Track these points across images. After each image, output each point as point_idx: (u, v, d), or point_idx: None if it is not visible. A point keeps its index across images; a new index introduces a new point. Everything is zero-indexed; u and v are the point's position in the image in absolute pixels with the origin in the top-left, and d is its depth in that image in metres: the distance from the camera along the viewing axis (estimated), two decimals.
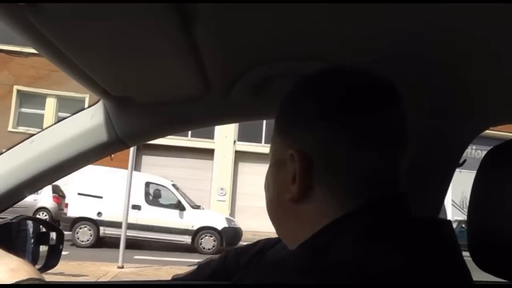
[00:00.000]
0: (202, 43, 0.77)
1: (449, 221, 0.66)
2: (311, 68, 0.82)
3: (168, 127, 1.07)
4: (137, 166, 18.03)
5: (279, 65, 0.87)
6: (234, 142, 18.89)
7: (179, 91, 0.96)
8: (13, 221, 1.02)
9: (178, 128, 1.09)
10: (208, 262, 1.20)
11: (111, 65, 0.83)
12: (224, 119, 1.12)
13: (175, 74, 0.88)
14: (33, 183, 1.02)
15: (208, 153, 18.70)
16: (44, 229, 1.13)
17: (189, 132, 18.22)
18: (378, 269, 0.51)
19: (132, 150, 9.22)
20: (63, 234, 1.16)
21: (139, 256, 8.95)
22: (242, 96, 0.96)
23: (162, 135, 1.09)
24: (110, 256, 8.08)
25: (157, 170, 18.34)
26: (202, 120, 1.09)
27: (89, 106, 1.06)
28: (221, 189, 18.74)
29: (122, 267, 7.57)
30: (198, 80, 0.89)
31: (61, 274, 6.53)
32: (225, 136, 18.67)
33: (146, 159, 18.66)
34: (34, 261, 1.07)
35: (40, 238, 1.11)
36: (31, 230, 1.10)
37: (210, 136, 18.64)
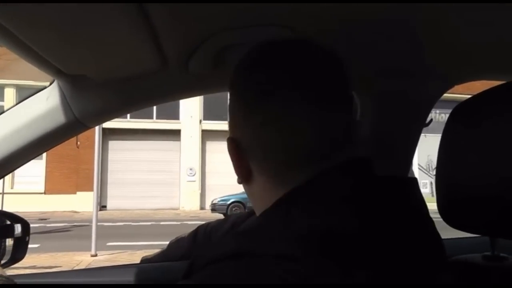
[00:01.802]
0: (154, 15, 0.74)
1: (414, 179, 0.67)
2: (269, 35, 0.80)
3: (127, 104, 1.04)
4: (104, 152, 17.81)
5: (235, 33, 0.84)
6: (200, 121, 18.80)
7: (135, 66, 0.93)
8: None
9: (137, 105, 1.05)
10: (178, 240, 1.18)
11: (62, 42, 0.79)
12: (185, 93, 1.09)
13: (129, 49, 0.84)
14: None
15: (174, 134, 18.58)
16: (8, 222, 1.09)
17: (154, 114, 18.06)
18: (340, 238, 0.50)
19: (97, 135, 9.03)
20: (29, 226, 1.12)
21: (111, 242, 8.86)
22: (201, 68, 0.94)
23: (122, 113, 1.06)
24: (83, 245, 7.98)
25: (125, 154, 18.17)
26: (162, 95, 1.06)
27: (42, 89, 1.00)
28: (190, 169, 18.71)
29: (96, 255, 7.50)
30: (153, 53, 0.86)
31: (33, 267, 6.42)
32: (190, 116, 18.57)
33: (113, 144, 18.40)
34: None
35: (5, 231, 1.07)
36: None
37: (176, 116, 18.50)
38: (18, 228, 1.09)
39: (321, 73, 0.61)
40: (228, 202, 15.19)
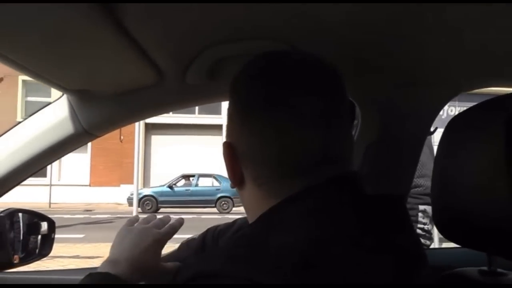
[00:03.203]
0: (140, 37, 0.77)
1: (401, 197, 0.67)
2: (263, 48, 0.81)
3: (130, 115, 1.08)
4: (147, 146, 18.26)
5: (230, 46, 0.86)
6: None
7: (133, 81, 0.97)
8: (2, 214, 1.05)
9: (140, 115, 1.10)
10: (188, 242, 1.21)
11: (57, 63, 0.84)
12: (184, 103, 1.12)
13: (123, 67, 0.89)
14: (3, 183, 1.04)
15: (216, 129, 18.76)
16: (35, 220, 1.16)
17: (196, 109, 18.25)
18: (320, 255, 0.51)
19: (137, 130, 9.28)
20: (54, 223, 1.19)
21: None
22: (198, 79, 0.96)
23: (128, 123, 1.11)
24: None
25: (167, 148, 18.54)
26: (162, 105, 1.09)
27: (54, 101, 1.07)
28: None
29: None
30: (148, 69, 0.89)
31: (77, 257, 6.70)
32: None
33: (156, 139, 18.81)
34: (26, 251, 1.11)
35: (31, 229, 1.14)
36: (21, 221, 1.12)
37: (217, 111, 18.65)
38: (44, 225, 1.17)
39: (318, 88, 0.61)
40: (141, 196, 14.77)
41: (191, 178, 16.14)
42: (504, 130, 0.67)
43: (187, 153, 18.57)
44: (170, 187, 15.65)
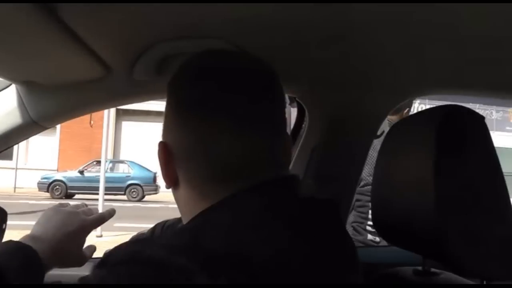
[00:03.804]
0: (84, 34, 0.76)
1: (335, 200, 0.68)
2: (210, 46, 0.82)
3: (79, 107, 1.07)
4: (117, 132, 17.98)
5: (178, 43, 0.86)
6: None
7: (80, 75, 0.96)
8: None
9: (88, 109, 1.08)
10: (138, 237, 1.21)
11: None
12: (132, 98, 1.11)
13: (68, 61, 0.87)
14: None
15: None
16: None
17: None
18: (249, 257, 0.51)
19: (106, 116, 9.11)
20: (5, 213, 1.16)
21: (119, 224, 8.99)
22: (145, 75, 0.96)
23: (75, 115, 1.09)
24: None
25: (138, 135, 18.30)
26: (110, 99, 1.09)
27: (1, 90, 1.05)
28: None
29: (101, 236, 7.64)
30: (95, 63, 0.89)
31: None
32: None
33: (127, 125, 18.54)
34: None
35: None
36: None
37: None
38: None
39: (253, 91, 0.61)
40: (50, 181, 14.80)
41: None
42: (433, 143, 0.70)
43: (158, 140, 18.32)
44: (81, 172, 15.14)
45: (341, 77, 1.06)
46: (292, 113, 1.36)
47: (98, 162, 15.10)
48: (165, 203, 12.43)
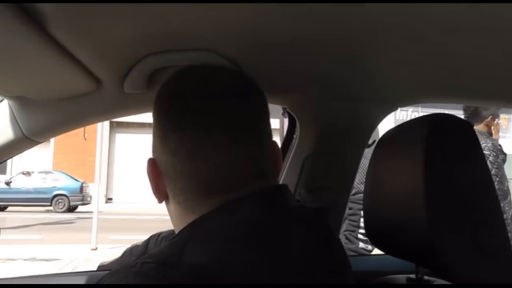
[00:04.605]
0: (74, 49, 0.77)
1: (325, 209, 0.69)
2: (201, 59, 0.82)
3: (70, 121, 1.07)
4: (111, 144, 17.90)
5: (168, 56, 0.86)
6: None
7: (71, 89, 0.96)
8: None
9: (79, 123, 1.08)
10: (132, 248, 1.20)
11: None
12: (124, 112, 1.12)
13: (59, 76, 0.88)
14: None
15: None
16: None
17: None
18: (232, 269, 0.52)
19: (100, 128, 9.08)
20: None
21: (114, 236, 8.93)
22: (136, 88, 0.96)
23: (67, 129, 1.09)
24: (85, 238, 8.04)
25: (132, 147, 18.21)
26: (102, 113, 1.09)
27: None
28: None
29: (96, 249, 7.58)
30: (85, 78, 0.89)
31: (33, 259, 6.50)
32: None
33: (120, 137, 18.48)
34: None
35: None
36: None
37: None
38: None
39: (235, 106, 0.61)
40: None
41: (32, 174, 15.16)
42: (423, 151, 0.70)
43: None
44: (7, 183, 14.68)
45: (331, 87, 1.07)
46: (285, 123, 1.36)
47: (26, 173, 14.97)
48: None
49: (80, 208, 14.89)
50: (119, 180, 18.13)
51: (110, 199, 17.90)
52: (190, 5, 0.67)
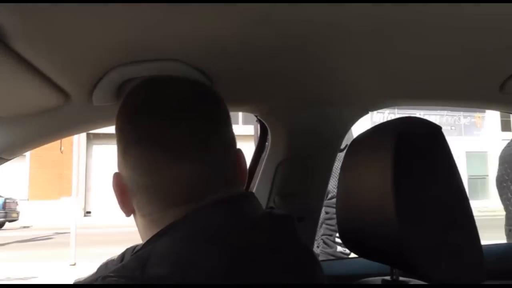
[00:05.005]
0: (40, 64, 0.76)
1: (289, 215, 0.68)
2: (168, 68, 0.82)
3: (40, 137, 1.05)
4: (88, 157, 17.65)
5: (134, 67, 0.86)
6: None
7: (39, 104, 0.94)
8: None
9: (50, 138, 1.07)
10: (107, 263, 1.19)
11: None
12: (94, 124, 1.10)
13: (23, 91, 0.86)
14: None
15: None
16: None
17: None
18: (193, 278, 0.51)
19: (76, 140, 8.96)
20: None
21: (93, 250, 8.79)
22: (105, 100, 0.95)
23: (37, 145, 1.07)
24: (64, 254, 7.89)
25: (110, 159, 18.00)
26: (72, 126, 1.08)
27: None
28: None
29: (75, 264, 7.45)
30: (53, 92, 0.87)
31: (8, 279, 6.33)
32: None
33: (98, 149, 18.23)
34: None
35: None
36: None
37: None
38: None
39: (195, 117, 0.61)
40: None
41: None
42: (391, 155, 0.71)
43: None
44: None
45: (300, 94, 1.07)
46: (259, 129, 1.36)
47: None
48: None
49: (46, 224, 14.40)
50: (98, 192, 17.85)
51: (89, 212, 17.61)
52: (157, 16, 0.67)
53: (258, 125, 1.32)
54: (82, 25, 0.67)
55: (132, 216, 0.67)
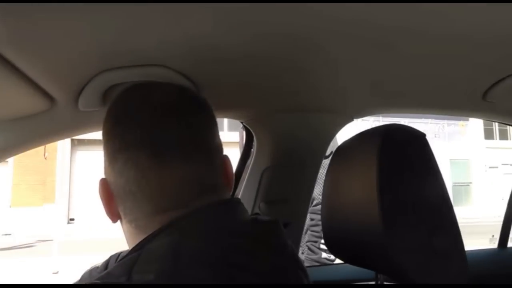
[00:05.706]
0: (25, 68, 0.75)
1: (275, 221, 0.68)
2: (154, 74, 0.82)
3: (24, 142, 1.04)
4: (72, 163, 17.43)
5: (120, 72, 0.85)
6: None
7: (22, 108, 0.93)
8: None
9: (35, 143, 1.05)
10: (91, 270, 1.18)
11: None
12: (80, 130, 1.10)
13: (8, 95, 0.85)
14: None
15: None
16: None
17: None
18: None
19: (61, 147, 8.86)
20: None
21: (77, 258, 8.67)
22: (91, 105, 0.94)
23: (21, 150, 1.06)
24: (47, 262, 7.77)
25: (94, 165, 17.81)
26: (58, 132, 1.06)
27: None
28: None
29: (57, 272, 7.34)
30: (38, 96, 0.87)
31: None
32: None
33: (82, 155, 18.03)
34: None
35: None
36: None
37: None
38: None
39: (180, 124, 0.62)
40: None
41: None
42: (376, 162, 0.72)
43: None
44: None
45: (285, 101, 1.08)
46: (245, 136, 1.37)
47: None
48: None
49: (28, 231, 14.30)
50: (82, 199, 17.64)
51: (72, 219, 17.37)
52: (143, 21, 0.67)
53: (244, 132, 1.33)
54: (68, 30, 0.67)
55: (113, 223, 0.67)
